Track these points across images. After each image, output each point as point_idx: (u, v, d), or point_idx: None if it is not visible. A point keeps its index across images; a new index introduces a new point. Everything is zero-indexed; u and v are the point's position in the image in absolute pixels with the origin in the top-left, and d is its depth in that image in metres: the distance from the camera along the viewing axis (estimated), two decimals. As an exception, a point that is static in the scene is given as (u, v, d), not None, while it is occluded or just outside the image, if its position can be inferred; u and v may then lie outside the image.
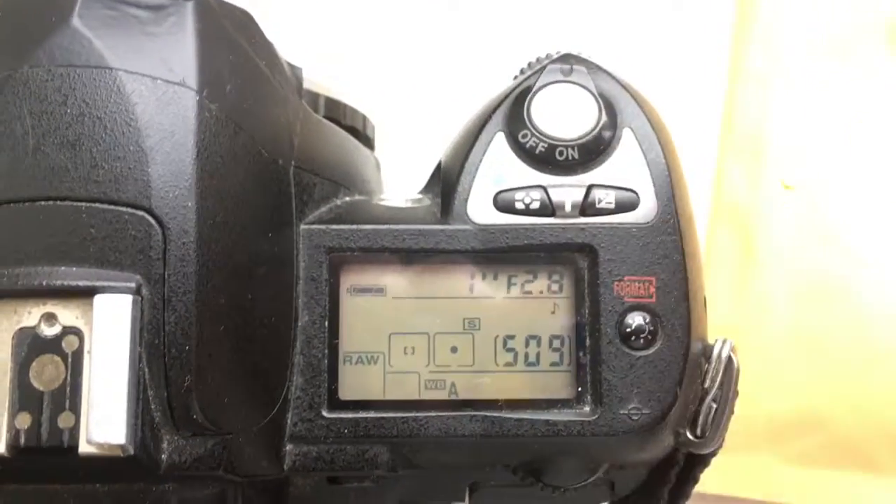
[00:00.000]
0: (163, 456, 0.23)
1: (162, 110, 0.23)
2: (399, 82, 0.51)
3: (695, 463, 0.30)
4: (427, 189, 0.30)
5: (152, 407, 0.23)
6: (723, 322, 0.46)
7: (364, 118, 0.34)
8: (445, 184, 0.28)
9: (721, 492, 0.44)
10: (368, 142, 0.35)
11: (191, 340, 0.23)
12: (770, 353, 0.44)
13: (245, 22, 0.26)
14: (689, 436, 0.28)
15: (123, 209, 0.23)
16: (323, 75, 0.34)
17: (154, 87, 0.24)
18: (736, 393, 0.29)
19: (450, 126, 0.31)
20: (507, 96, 0.28)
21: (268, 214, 0.26)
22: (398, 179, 0.35)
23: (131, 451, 0.22)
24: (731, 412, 0.28)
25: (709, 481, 0.43)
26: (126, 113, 0.23)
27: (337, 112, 0.32)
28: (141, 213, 0.23)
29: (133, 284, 0.23)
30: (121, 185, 0.23)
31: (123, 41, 0.24)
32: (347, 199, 0.29)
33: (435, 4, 0.52)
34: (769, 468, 0.43)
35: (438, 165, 0.30)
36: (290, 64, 0.28)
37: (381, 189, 0.36)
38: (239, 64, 0.25)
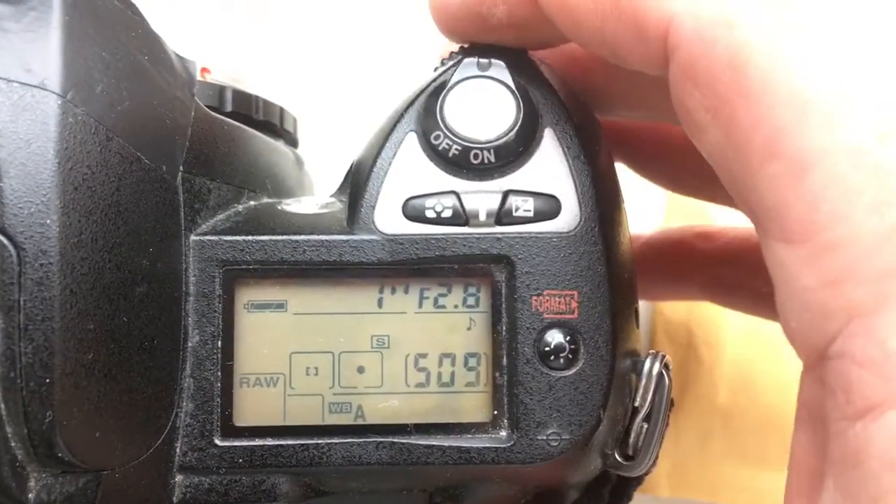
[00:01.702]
0: (30, 496, 0.21)
1: (17, 116, 0.21)
2: (335, 71, 0.48)
3: (629, 481, 0.29)
4: (340, 191, 0.28)
5: (13, 445, 0.21)
6: (679, 319, 0.44)
7: (281, 111, 0.32)
8: (354, 188, 0.26)
9: (675, 495, 0.42)
10: (288, 136, 0.33)
11: (51, 372, 0.21)
12: (727, 349, 0.43)
13: (124, 12, 0.24)
14: (619, 457, 0.26)
15: (-29, 229, 0.21)
16: (239, 67, 0.32)
17: (8, 91, 0.21)
18: (671, 403, 0.27)
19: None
20: (420, 93, 0.26)
21: (148, 227, 0.23)
22: (333, 175, 0.33)
23: (-16, 496, 0.20)
24: (665, 430, 0.26)
25: (662, 485, 0.42)
26: (-25, 120, 0.21)
27: (247, 106, 0.30)
28: (-8, 232, 0.21)
29: (-18, 313, 0.20)
30: (-31, 201, 0.21)
31: (-25, 40, 0.21)
32: (252, 203, 0.27)
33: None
34: (725, 470, 0.42)
35: (351, 166, 0.28)
36: (181, 57, 0.26)
37: (304, 187, 0.33)
38: (114, 61, 0.23)
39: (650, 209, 0.43)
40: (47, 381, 0.21)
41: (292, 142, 0.33)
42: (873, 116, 0.18)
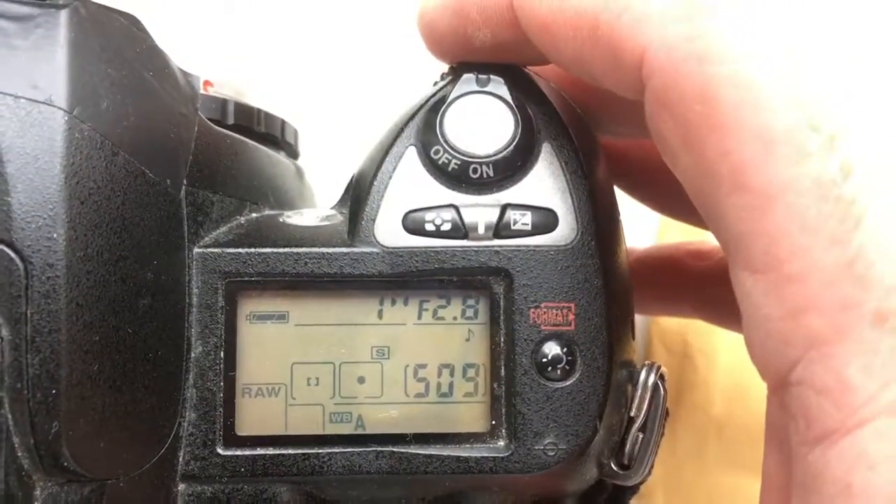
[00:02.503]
0: None
1: (25, 132, 0.21)
2: (335, 84, 0.49)
3: (624, 491, 0.29)
4: (341, 204, 0.28)
5: (19, 455, 0.21)
6: (675, 328, 0.44)
7: (283, 123, 0.32)
8: (354, 201, 0.27)
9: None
10: (289, 148, 0.33)
11: (58, 383, 0.21)
12: (722, 359, 0.43)
13: (129, 29, 0.24)
14: (614, 467, 0.27)
15: (-20, 242, 0.21)
16: (240, 80, 0.32)
17: (16, 107, 0.22)
18: (667, 413, 0.27)
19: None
20: (420, 108, 0.26)
21: (153, 240, 0.24)
22: (335, 187, 0.33)
23: (-9, 506, 0.21)
24: (661, 439, 0.27)
25: (657, 494, 0.42)
26: (-16, 136, 0.21)
27: (249, 118, 0.30)
28: (0, 246, 0.21)
29: (-10, 325, 0.21)
30: (-23, 215, 0.21)
31: (-17, 57, 0.22)
32: (254, 216, 0.28)
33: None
34: (720, 479, 0.42)
35: (352, 179, 0.28)
36: (184, 72, 0.26)
37: (305, 199, 0.34)
38: (119, 77, 0.23)
39: (644, 223, 0.43)
40: (54, 392, 0.21)
41: (293, 154, 0.33)
42: (839, 149, 0.18)
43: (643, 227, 0.44)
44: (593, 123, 0.29)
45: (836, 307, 0.18)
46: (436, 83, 0.28)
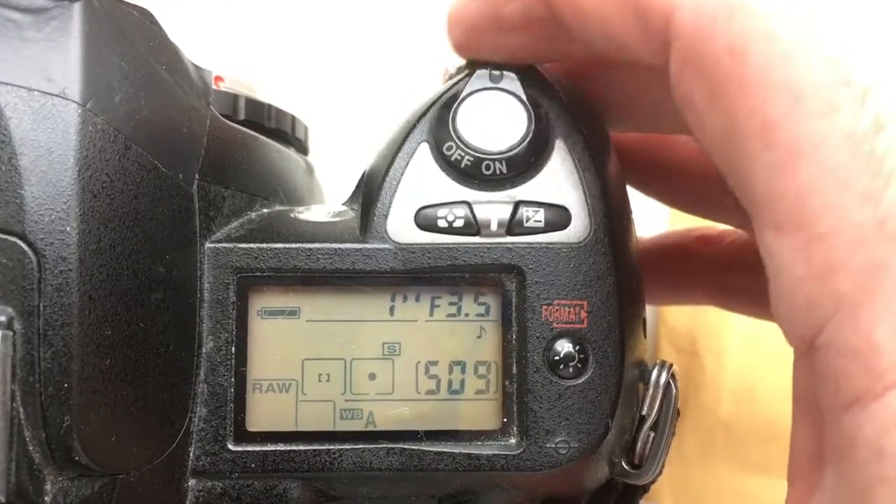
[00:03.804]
0: (46, 499, 0.22)
1: (38, 125, 0.21)
2: (345, 80, 0.49)
3: (634, 490, 0.29)
4: (352, 200, 0.28)
5: (30, 448, 0.21)
6: (683, 327, 0.44)
7: (293, 119, 0.32)
8: (366, 197, 0.26)
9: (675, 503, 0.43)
10: (299, 144, 0.33)
11: (70, 377, 0.21)
12: (730, 359, 0.43)
13: (143, 22, 0.24)
14: (625, 465, 0.27)
15: (-7, 235, 0.21)
16: (251, 76, 0.32)
17: (30, 100, 0.21)
18: (677, 413, 0.27)
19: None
20: (432, 104, 0.26)
21: (165, 235, 0.24)
22: (344, 183, 0.33)
23: (2, 499, 0.20)
24: (671, 439, 0.27)
25: (665, 494, 0.42)
26: (-2, 128, 0.21)
27: (259, 114, 0.30)
28: (13, 239, 0.21)
29: (3, 318, 0.21)
30: (-10, 208, 0.21)
31: (-3, 48, 0.22)
32: (265, 211, 0.27)
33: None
34: (728, 479, 0.42)
35: (363, 175, 0.28)
36: (197, 67, 0.26)
37: (315, 194, 0.34)
38: (132, 71, 0.23)
39: (655, 213, 0.43)
40: (66, 385, 0.21)
41: (303, 149, 0.33)
42: (871, 104, 0.18)
43: (653, 222, 0.44)
44: (605, 119, 0.29)
45: (866, 267, 0.17)
46: (450, 77, 0.27)
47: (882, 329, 0.17)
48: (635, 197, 0.29)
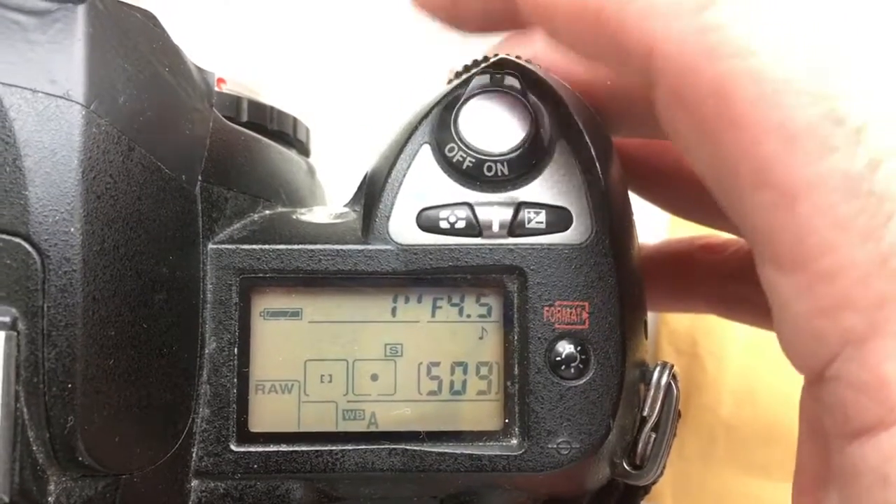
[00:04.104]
0: (49, 499, 0.22)
1: (43, 126, 0.21)
2: (346, 82, 0.49)
3: (635, 491, 0.29)
4: (354, 201, 0.28)
5: (34, 449, 0.21)
6: (684, 329, 0.44)
7: (295, 121, 0.32)
8: (368, 199, 0.27)
9: (677, 504, 0.43)
10: (301, 146, 0.33)
11: (73, 377, 0.21)
12: (731, 360, 0.43)
13: (146, 24, 0.24)
14: (627, 466, 0.27)
15: (-2, 236, 0.21)
16: (253, 78, 0.32)
17: (34, 101, 0.22)
18: (678, 414, 0.27)
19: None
20: (434, 105, 0.26)
21: (168, 236, 0.24)
22: (345, 185, 0.33)
23: (6, 499, 0.21)
24: (672, 440, 0.27)
25: (666, 495, 0.42)
26: (2, 130, 0.21)
27: (262, 116, 0.30)
28: (17, 240, 0.21)
29: (7, 318, 0.21)
30: (-5, 209, 0.21)
31: (2, 51, 0.22)
32: (267, 212, 0.28)
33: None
34: (728, 481, 0.42)
35: (365, 177, 0.28)
36: (200, 69, 0.26)
37: (316, 196, 0.34)
38: (136, 73, 0.23)
39: (655, 219, 0.43)
40: (69, 386, 0.21)
41: (305, 151, 0.33)
42: (866, 141, 0.18)
43: (653, 226, 0.44)
44: (606, 123, 0.29)
45: (872, 304, 0.17)
46: (449, 80, 0.28)
47: (890, 364, 0.17)
48: (635, 202, 0.29)
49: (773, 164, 0.18)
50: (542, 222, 0.25)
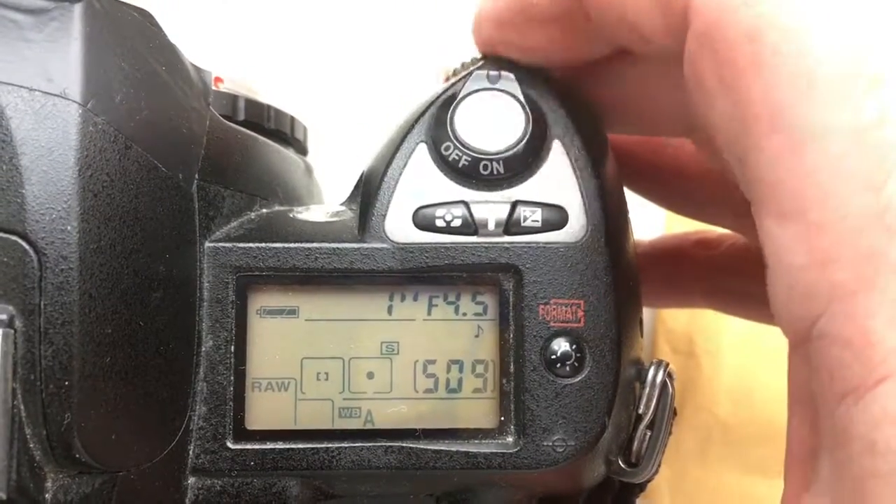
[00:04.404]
0: (46, 496, 0.22)
1: (39, 125, 0.22)
2: (343, 81, 0.49)
3: (631, 489, 0.29)
4: (350, 200, 0.28)
5: (31, 446, 0.21)
6: (681, 328, 0.44)
7: (292, 120, 0.32)
8: (364, 197, 0.27)
9: (673, 503, 0.43)
10: (298, 145, 0.33)
11: (70, 375, 0.21)
12: (727, 359, 0.43)
13: (143, 23, 0.24)
14: (622, 464, 0.27)
15: (-6, 234, 0.21)
16: (250, 76, 0.32)
17: (31, 100, 0.22)
18: (674, 412, 0.27)
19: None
20: (430, 105, 0.26)
21: (165, 234, 0.24)
22: (342, 184, 0.33)
23: (3, 496, 0.21)
24: (668, 438, 0.27)
25: (663, 493, 0.42)
26: (-1, 128, 0.21)
27: (259, 115, 0.30)
28: (14, 237, 0.21)
29: (4, 316, 0.21)
30: (-8, 207, 0.21)
31: (-2, 49, 0.22)
32: (264, 211, 0.28)
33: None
34: (725, 479, 0.42)
35: (361, 176, 0.28)
36: (196, 67, 0.26)
37: (313, 195, 0.34)
38: (133, 71, 0.23)
39: (651, 215, 0.43)
40: (66, 383, 0.21)
41: (302, 150, 0.34)
42: (879, 96, 0.18)
43: (650, 222, 0.44)
44: (605, 121, 0.29)
45: (863, 257, 0.17)
46: (446, 79, 0.28)
47: (877, 319, 0.17)
48: (631, 199, 0.29)
49: (791, 108, 0.18)
50: (537, 221, 0.26)
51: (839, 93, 0.18)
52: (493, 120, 0.26)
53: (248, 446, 0.25)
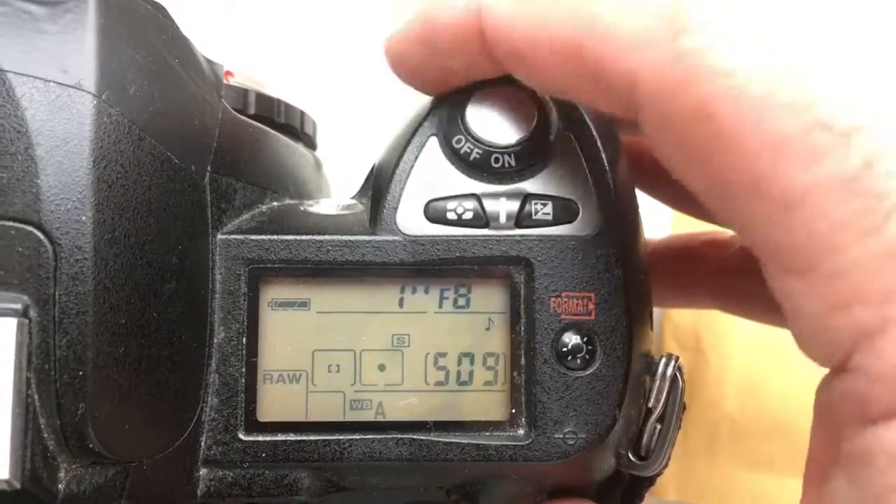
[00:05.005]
0: (60, 486, 0.22)
1: (55, 116, 0.22)
2: (352, 77, 0.49)
3: (641, 482, 0.29)
4: (361, 193, 0.28)
5: (45, 436, 0.21)
6: (688, 324, 0.44)
7: (302, 114, 0.32)
8: (376, 190, 0.27)
9: (683, 499, 0.43)
10: (308, 140, 0.33)
11: (84, 365, 0.21)
12: (735, 355, 0.43)
13: (156, 16, 0.25)
14: (632, 457, 0.27)
15: (9, 224, 0.21)
16: (260, 71, 0.32)
17: (46, 91, 0.22)
18: (684, 406, 0.27)
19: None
20: (442, 98, 0.27)
21: (178, 225, 0.24)
22: (350, 178, 0.33)
23: (17, 486, 0.21)
24: (677, 432, 0.27)
25: (670, 489, 0.42)
26: (15, 119, 0.21)
27: (269, 109, 0.30)
28: (29, 227, 0.21)
29: (19, 306, 0.21)
30: (7, 197, 0.21)
31: (14, 41, 0.22)
32: (275, 204, 0.28)
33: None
34: (732, 475, 0.42)
35: (372, 169, 0.28)
36: (209, 60, 0.26)
37: (322, 189, 0.34)
38: (146, 63, 0.24)
39: (659, 216, 0.43)
40: (80, 373, 0.21)
41: (311, 145, 0.34)
42: (856, 143, 0.18)
43: (657, 223, 0.44)
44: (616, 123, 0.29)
45: (881, 297, 0.18)
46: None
47: None
48: (639, 199, 0.29)
49: (766, 176, 0.18)
50: (548, 214, 0.26)
51: (812, 150, 0.18)
52: (505, 113, 0.26)
53: (260, 438, 0.25)
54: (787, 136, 0.18)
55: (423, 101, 0.27)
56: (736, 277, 0.35)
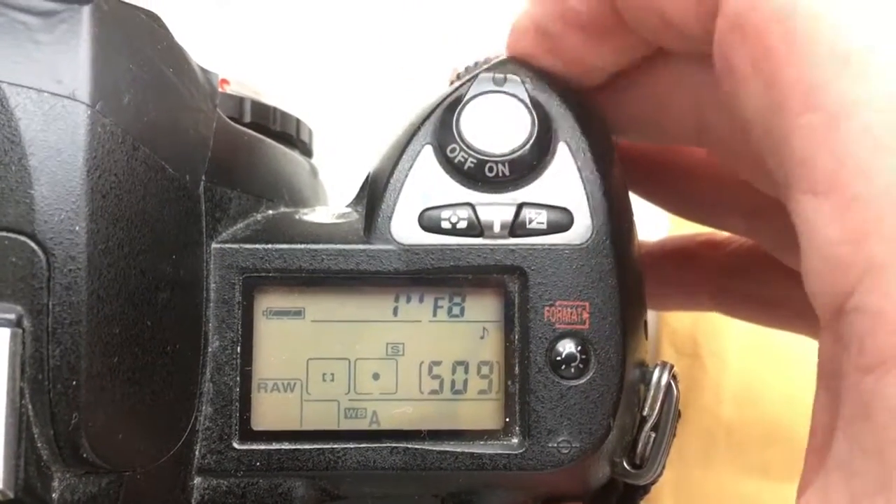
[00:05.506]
0: (53, 495, 0.22)
1: (48, 126, 0.22)
2: (348, 84, 0.49)
3: (635, 491, 0.29)
4: (356, 202, 0.28)
5: (39, 445, 0.21)
6: (685, 330, 0.44)
7: (298, 122, 0.32)
8: (370, 199, 0.27)
9: (677, 505, 0.43)
10: (304, 147, 0.33)
11: (78, 375, 0.21)
12: (732, 361, 0.43)
13: (150, 25, 0.25)
14: (627, 466, 0.27)
15: (3, 234, 0.21)
16: (256, 79, 0.32)
17: (40, 101, 0.22)
18: (678, 414, 0.27)
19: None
20: (436, 107, 0.27)
21: (172, 235, 0.24)
22: (347, 185, 0.33)
23: (11, 495, 0.21)
24: (672, 440, 0.27)
25: (666, 496, 0.42)
26: (8, 129, 0.21)
27: (265, 117, 0.30)
28: (23, 238, 0.21)
29: (13, 316, 0.21)
30: (1, 207, 0.21)
31: (8, 50, 0.22)
32: (270, 212, 0.28)
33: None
34: (728, 482, 0.42)
35: (367, 177, 0.28)
36: (204, 69, 0.26)
37: (319, 197, 0.34)
38: (140, 73, 0.24)
39: (656, 219, 0.43)
40: (74, 383, 0.21)
41: (307, 152, 0.34)
42: None
43: (655, 226, 0.44)
44: (615, 129, 0.29)
45: None
46: (451, 82, 0.28)
47: None
48: (635, 201, 0.29)
49: (825, 85, 0.18)
50: (543, 223, 0.26)
51: (875, 63, 0.18)
52: (499, 122, 0.26)
53: (254, 447, 0.25)
54: (854, 47, 0.18)
55: (418, 109, 0.27)
56: (733, 278, 0.35)
